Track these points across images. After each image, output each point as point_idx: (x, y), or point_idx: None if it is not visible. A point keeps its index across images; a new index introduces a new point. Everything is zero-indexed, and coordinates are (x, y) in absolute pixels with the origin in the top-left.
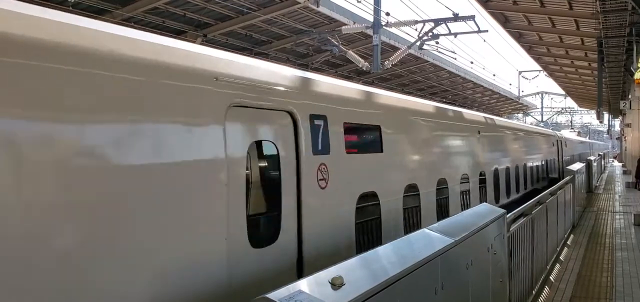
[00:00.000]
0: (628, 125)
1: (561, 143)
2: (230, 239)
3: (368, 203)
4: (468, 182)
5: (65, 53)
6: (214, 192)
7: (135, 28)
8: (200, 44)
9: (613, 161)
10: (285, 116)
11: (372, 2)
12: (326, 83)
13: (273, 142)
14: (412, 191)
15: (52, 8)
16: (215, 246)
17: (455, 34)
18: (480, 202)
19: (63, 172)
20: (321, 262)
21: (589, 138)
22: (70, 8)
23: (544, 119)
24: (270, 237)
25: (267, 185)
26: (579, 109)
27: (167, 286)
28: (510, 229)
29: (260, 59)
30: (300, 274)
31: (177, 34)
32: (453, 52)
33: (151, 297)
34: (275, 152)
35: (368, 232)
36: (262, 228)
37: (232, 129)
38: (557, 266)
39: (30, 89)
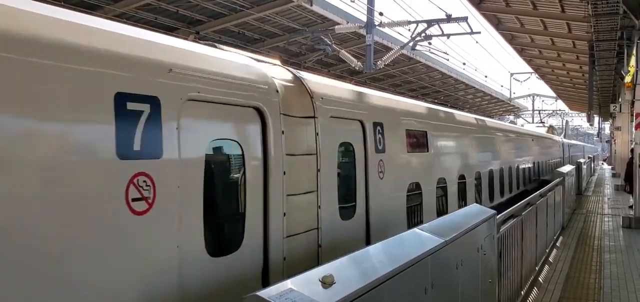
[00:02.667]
0: (618, 128)
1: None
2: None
3: None
4: None
5: None
6: None
7: (127, 24)
8: (193, 41)
9: (603, 163)
10: None
11: (366, 2)
12: None
13: None
14: None
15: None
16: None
17: (448, 35)
18: None
19: None
20: None
21: (565, 136)
22: (62, 3)
23: (535, 121)
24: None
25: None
26: (570, 111)
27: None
28: (500, 230)
29: None
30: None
31: (170, 30)
32: (445, 53)
33: None
34: None
35: None
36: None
37: None
38: (546, 267)
39: None
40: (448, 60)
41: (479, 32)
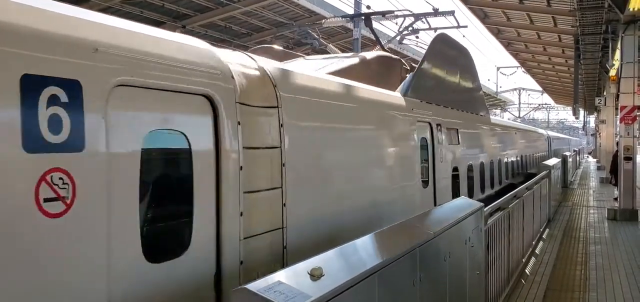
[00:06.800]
0: (603, 121)
1: None
2: None
3: None
4: None
5: None
6: None
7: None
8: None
9: (588, 156)
10: None
11: None
12: None
13: None
14: None
15: None
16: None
17: (435, 29)
18: None
19: None
20: None
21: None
22: None
23: (522, 115)
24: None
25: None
26: (556, 105)
27: None
28: (488, 223)
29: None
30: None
31: (156, 24)
32: None
33: None
34: None
35: None
36: None
37: None
38: (533, 259)
39: None
40: None
41: (466, 26)
